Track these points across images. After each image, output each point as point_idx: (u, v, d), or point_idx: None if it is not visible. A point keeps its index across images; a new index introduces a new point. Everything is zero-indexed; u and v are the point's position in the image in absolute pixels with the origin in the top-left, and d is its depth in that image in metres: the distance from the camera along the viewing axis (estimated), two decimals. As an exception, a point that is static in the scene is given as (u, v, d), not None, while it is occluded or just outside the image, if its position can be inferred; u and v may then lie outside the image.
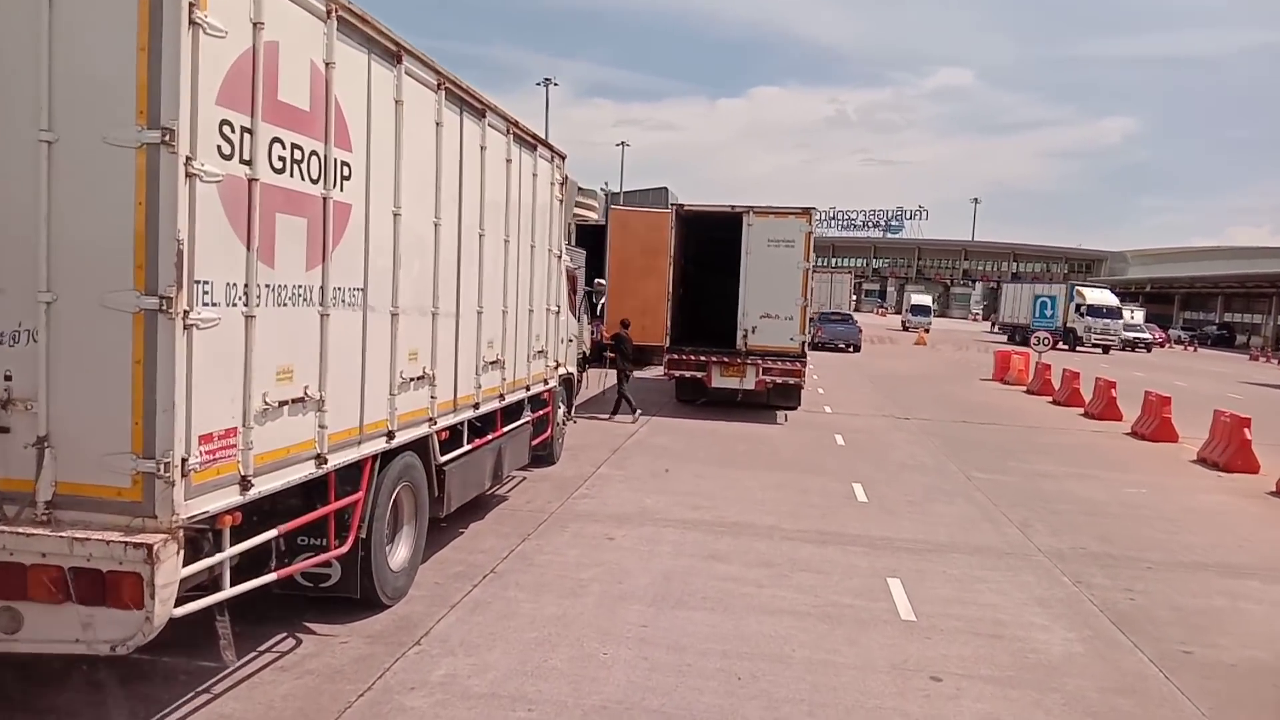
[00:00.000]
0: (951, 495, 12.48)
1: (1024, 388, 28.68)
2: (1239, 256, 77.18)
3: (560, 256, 11.84)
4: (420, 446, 7.58)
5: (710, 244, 21.17)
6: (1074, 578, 8.97)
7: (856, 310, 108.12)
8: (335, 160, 5.87)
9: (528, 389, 10.57)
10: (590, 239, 27.79)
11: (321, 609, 6.79)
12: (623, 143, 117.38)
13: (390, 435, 6.80)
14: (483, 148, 8.58)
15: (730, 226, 18.55)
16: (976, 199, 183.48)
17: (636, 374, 20.09)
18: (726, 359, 18.34)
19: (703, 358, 18.44)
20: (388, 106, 6.63)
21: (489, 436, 9.39)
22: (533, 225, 10.41)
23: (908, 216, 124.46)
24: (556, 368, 11.97)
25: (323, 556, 6.22)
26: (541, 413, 11.68)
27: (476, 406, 8.73)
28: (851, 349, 40.98)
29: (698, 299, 21.63)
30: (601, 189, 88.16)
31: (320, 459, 5.81)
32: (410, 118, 6.90)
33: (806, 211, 18.05)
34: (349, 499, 6.35)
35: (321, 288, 5.75)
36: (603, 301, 23.77)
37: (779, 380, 18.33)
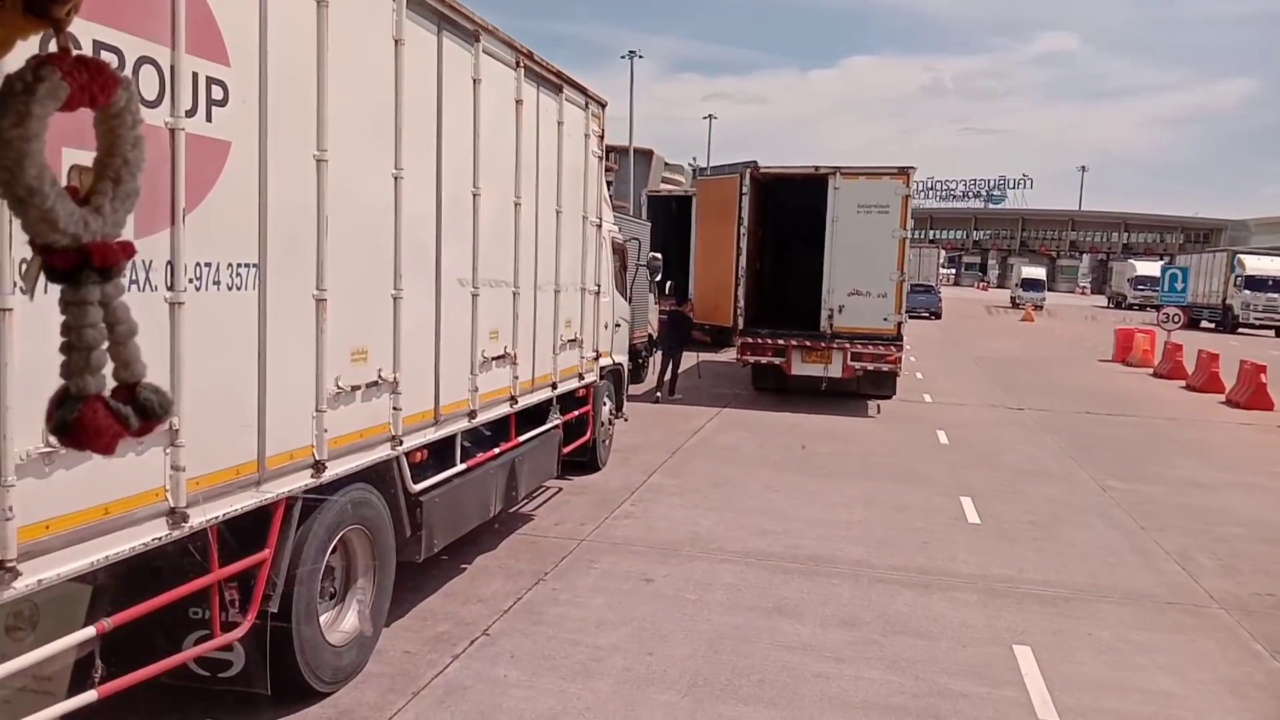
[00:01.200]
0: (1085, 513, 10.09)
1: (1149, 370, 25.55)
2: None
3: (599, 225, 9.84)
4: (379, 474, 5.71)
5: (792, 213, 18.89)
6: (1271, 644, 6.61)
7: (956, 285, 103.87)
8: (196, 76, 3.98)
9: (554, 386, 8.63)
10: (673, 213, 25.80)
11: (243, 702, 4.98)
12: (710, 115, 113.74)
13: (318, 466, 4.93)
14: (476, 80, 6.62)
15: (814, 191, 16.25)
16: (1084, 167, 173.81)
17: (710, 357, 18.05)
18: (809, 343, 16.09)
19: (781, 341, 16.23)
20: (302, 9, 4.71)
21: (497, 450, 7.49)
22: (558, 186, 8.44)
23: (1010, 186, 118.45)
24: (597, 359, 10.00)
25: (209, 645, 4.40)
26: (578, 413, 9.76)
27: (472, 415, 6.82)
28: (934, 316, 45.21)
29: (778, 274, 19.39)
30: (690, 164, 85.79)
31: (176, 516, 3.96)
32: (345, 29, 4.98)
33: (904, 171, 15.60)
34: (247, 561, 4.51)
35: (170, 263, 3.88)
36: (669, 282, 21.79)
37: (870, 367, 16.01)
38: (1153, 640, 6.61)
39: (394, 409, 5.66)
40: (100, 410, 0.90)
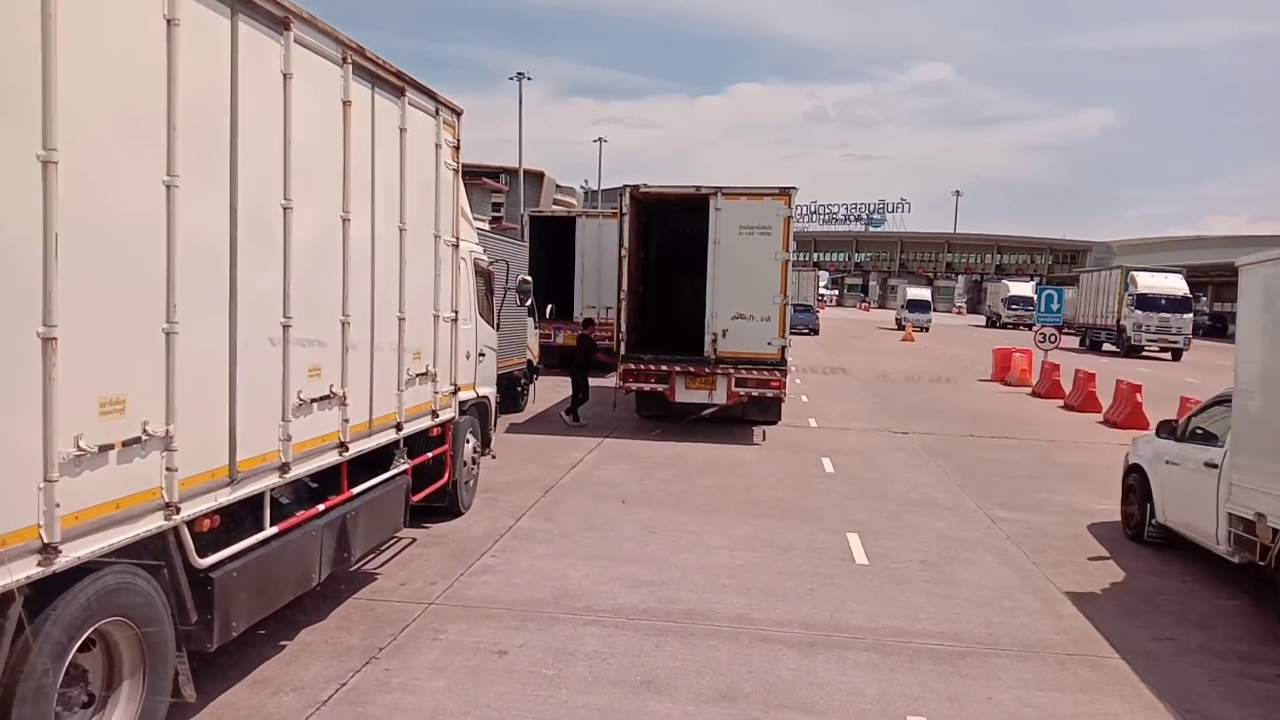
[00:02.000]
0: (976, 549, 9.60)
1: (1028, 389, 25.93)
2: (1223, 245, 74.92)
3: (456, 245, 8.88)
4: (150, 550, 4.63)
5: (677, 235, 18.30)
6: (1180, 700, 6.10)
7: (840, 305, 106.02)
8: None
9: (399, 427, 7.61)
10: (558, 235, 24.99)
11: None
12: (600, 139, 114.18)
13: (49, 550, 3.84)
14: (287, 75, 5.62)
15: (696, 212, 15.65)
16: (958, 192, 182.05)
17: (599, 381, 17.24)
18: (693, 368, 15.41)
19: (664, 367, 15.49)
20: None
21: (323, 506, 6.44)
22: (401, 200, 7.45)
23: (890, 210, 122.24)
24: (456, 393, 9.01)
25: None
26: (434, 454, 8.74)
27: (285, 468, 5.76)
28: (812, 333, 47.99)
29: (664, 299, 18.74)
30: (582, 186, 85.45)
31: None
32: (91, 5, 3.96)
33: (785, 192, 15.12)
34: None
35: None
36: (549, 305, 20.97)
37: (755, 393, 15.42)
38: (1056, 704, 6.02)
39: (167, 469, 4.58)
40: None
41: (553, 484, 11.70)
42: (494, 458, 11.08)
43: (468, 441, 9.89)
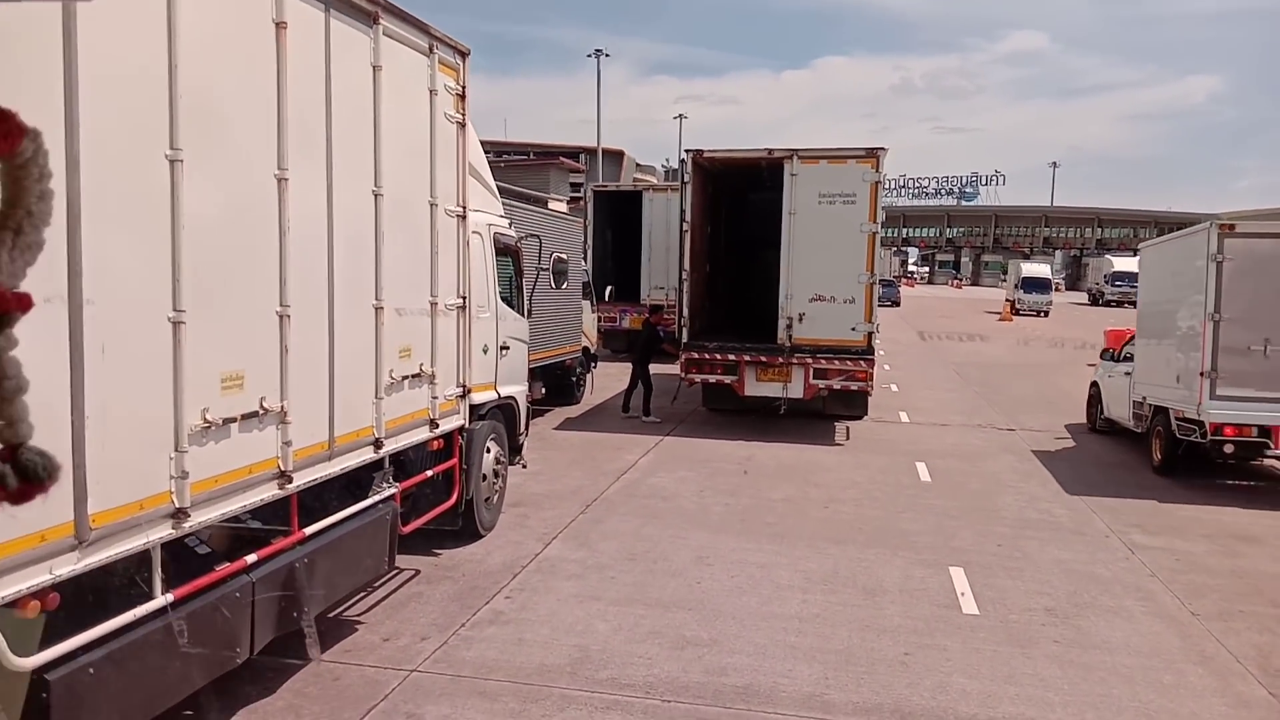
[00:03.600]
0: (1115, 591, 7.63)
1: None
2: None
3: (463, 216, 7.26)
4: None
5: (746, 207, 16.47)
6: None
7: (930, 283, 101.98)
8: None
9: (378, 444, 6.04)
10: (623, 211, 23.37)
11: None
12: (680, 116, 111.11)
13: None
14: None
15: (769, 181, 13.78)
16: (1055, 163, 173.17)
17: (664, 369, 15.58)
18: (764, 358, 13.58)
19: (731, 357, 13.70)
20: None
21: (256, 556, 4.91)
22: (376, 158, 5.86)
23: (983, 183, 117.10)
24: (466, 395, 7.42)
25: None
26: (437, 470, 7.19)
27: (181, 515, 4.22)
28: (892, 304, 48.55)
29: (736, 279, 16.93)
30: (663, 165, 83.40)
31: None
32: None
33: (872, 154, 13.13)
34: None
35: None
36: (609, 287, 19.35)
37: (837, 385, 13.53)
38: None
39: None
40: None
41: (596, 496, 10.07)
42: (524, 466, 9.48)
43: (488, 451, 8.30)
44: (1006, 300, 54.60)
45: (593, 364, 17.07)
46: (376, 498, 6.16)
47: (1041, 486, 11.24)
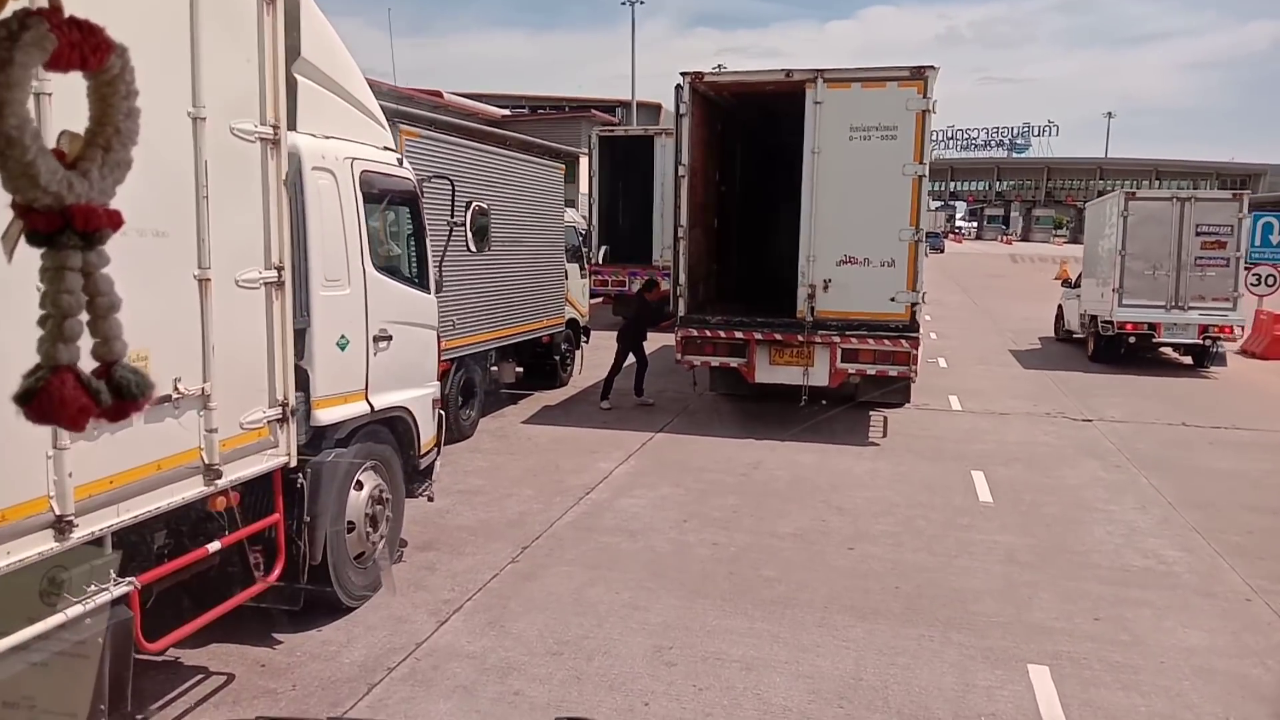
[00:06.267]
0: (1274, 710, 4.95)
1: (1233, 347, 20.14)
2: None
3: (276, 141, 4.64)
4: None
5: (767, 150, 13.65)
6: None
7: (979, 239, 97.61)
8: None
9: (59, 526, 3.50)
10: (632, 160, 20.74)
11: None
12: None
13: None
14: None
15: (787, 111, 10.95)
16: (1110, 113, 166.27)
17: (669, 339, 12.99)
18: (780, 335, 10.85)
19: (739, 335, 10.98)
20: None
21: None
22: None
23: (1034, 134, 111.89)
24: (285, 419, 4.84)
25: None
26: (237, 536, 4.67)
27: None
28: (935, 250, 47.55)
29: (747, 240, 14.18)
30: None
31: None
32: None
33: (919, 75, 10.21)
34: None
35: None
36: (604, 248, 16.82)
37: (871, 370, 10.80)
38: None
39: None
40: (70, 381, 0.81)
41: (542, 530, 7.51)
42: (430, 499, 6.90)
43: (357, 489, 5.75)
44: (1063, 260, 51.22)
45: (584, 339, 14.45)
46: (69, 612, 3.63)
47: (1141, 510, 8.47)
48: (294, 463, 4.96)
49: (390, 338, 5.99)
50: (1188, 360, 17.48)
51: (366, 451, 5.86)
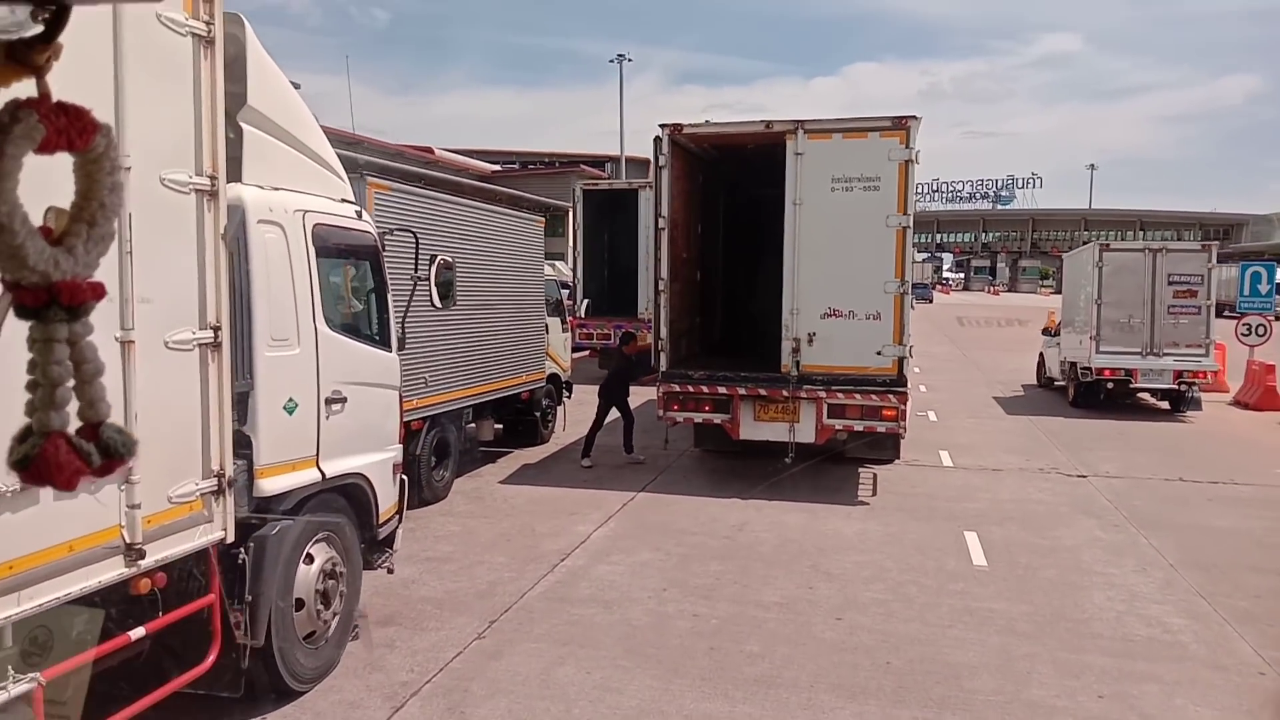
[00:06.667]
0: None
1: (1225, 397, 19.93)
2: None
3: (214, 193, 4.34)
4: None
5: (745, 203, 13.50)
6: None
7: (966, 290, 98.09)
8: None
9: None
10: (617, 213, 20.71)
11: None
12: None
13: None
14: None
15: (769, 162, 10.76)
16: (1093, 165, 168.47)
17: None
18: (764, 391, 10.53)
19: (722, 390, 10.66)
20: None
21: None
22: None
23: (1019, 186, 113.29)
24: (221, 491, 4.47)
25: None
26: (162, 622, 4.27)
27: None
28: (927, 301, 52.60)
29: (729, 294, 13.95)
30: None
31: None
32: None
33: (900, 125, 10.04)
34: None
35: None
36: (585, 301, 16.73)
37: (858, 427, 10.47)
38: None
39: None
40: (63, 447, 0.88)
41: (513, 602, 7.08)
42: (390, 571, 6.49)
43: (307, 563, 5.36)
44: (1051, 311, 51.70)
45: (565, 394, 14.11)
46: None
47: (1142, 573, 8.09)
48: (230, 538, 4.58)
49: (345, 399, 5.64)
50: (1165, 405, 17.75)
51: (318, 523, 5.48)
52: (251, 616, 4.87)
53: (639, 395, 13.08)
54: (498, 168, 53.78)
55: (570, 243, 23.74)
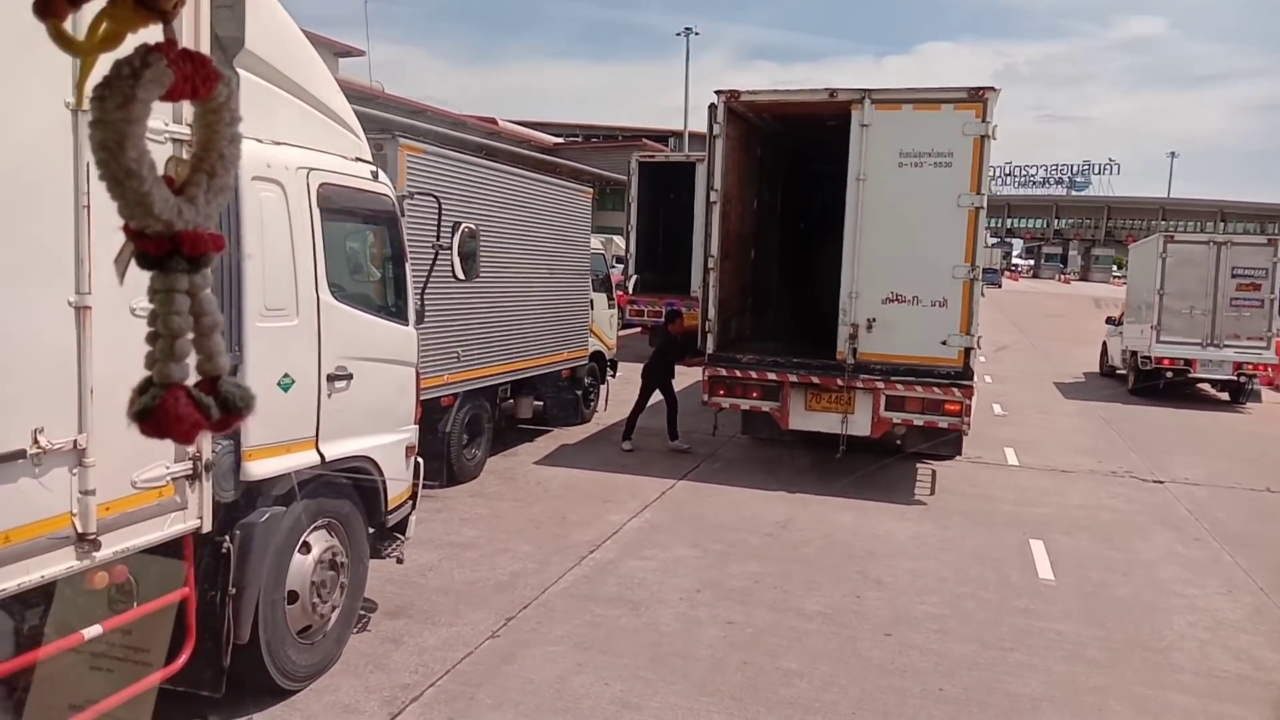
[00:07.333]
0: None
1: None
2: None
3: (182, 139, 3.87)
4: None
5: (813, 179, 12.76)
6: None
7: (1035, 277, 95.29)
8: None
9: None
10: (674, 187, 20.11)
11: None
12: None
13: None
14: None
15: (834, 136, 10.04)
16: (1174, 153, 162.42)
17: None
18: (817, 379, 9.87)
19: (772, 376, 10.02)
20: None
21: None
22: None
23: (1095, 172, 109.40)
24: (198, 474, 4.02)
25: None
26: (121, 620, 3.85)
27: None
28: (992, 285, 47.72)
29: (787, 274, 13.27)
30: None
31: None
32: None
33: (978, 97, 9.24)
34: None
35: None
36: (634, 277, 16.27)
37: (918, 421, 9.76)
38: None
39: None
40: (182, 398, 0.86)
41: (534, 597, 6.59)
42: (400, 561, 6.03)
43: (303, 551, 4.92)
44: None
45: (610, 372, 13.60)
46: None
47: (1229, 596, 7.32)
48: (207, 527, 4.14)
49: (350, 376, 5.16)
50: (1224, 396, 18.05)
51: (316, 509, 5.02)
52: (235, 611, 4.45)
53: (687, 377, 12.51)
54: (560, 140, 53.34)
55: (626, 217, 23.16)
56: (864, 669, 5.71)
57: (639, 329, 20.60)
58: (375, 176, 5.55)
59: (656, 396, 11.62)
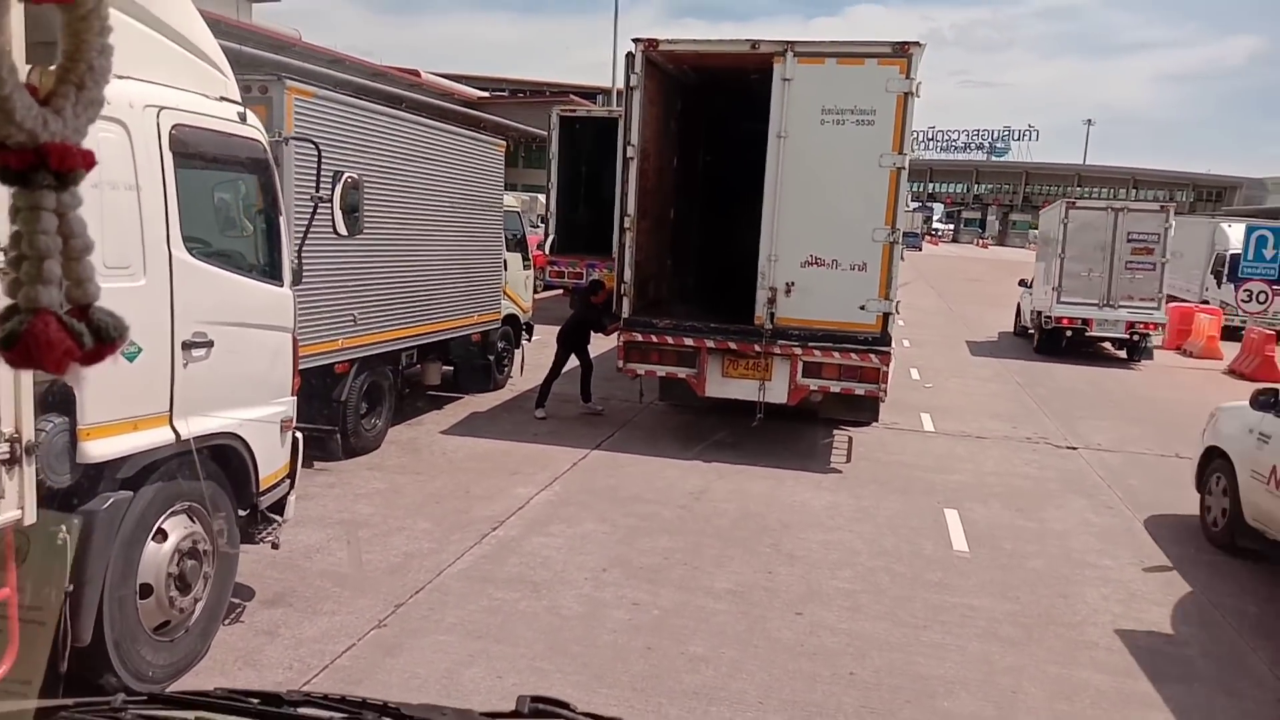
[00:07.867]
0: None
1: (1220, 365, 19.20)
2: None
3: None
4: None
5: (730, 132, 12.37)
6: None
7: (954, 242, 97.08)
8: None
9: None
10: (596, 144, 19.54)
11: None
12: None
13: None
14: None
15: (757, 92, 9.65)
16: (1090, 120, 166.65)
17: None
18: (734, 345, 9.57)
19: (688, 342, 9.69)
20: None
21: None
22: None
23: (1014, 138, 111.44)
24: (16, 458, 3.49)
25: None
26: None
27: None
28: (915, 249, 51.41)
29: (706, 238, 12.92)
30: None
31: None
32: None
33: (902, 52, 8.92)
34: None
35: None
36: (551, 237, 15.82)
37: (835, 388, 9.54)
38: None
39: None
40: (53, 324, 0.81)
41: (428, 580, 6.18)
42: (275, 546, 5.54)
43: (159, 540, 4.41)
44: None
45: (526, 336, 13.12)
46: None
47: (1138, 567, 7.28)
48: (29, 518, 3.61)
49: (211, 344, 4.63)
50: (1122, 354, 19.09)
51: (172, 492, 4.51)
52: (73, 610, 3.95)
53: (607, 342, 12.14)
54: (485, 94, 51.92)
55: (546, 174, 22.54)
56: (773, 652, 5.44)
57: (559, 291, 20.10)
58: (243, 119, 4.97)
59: (572, 362, 11.23)
